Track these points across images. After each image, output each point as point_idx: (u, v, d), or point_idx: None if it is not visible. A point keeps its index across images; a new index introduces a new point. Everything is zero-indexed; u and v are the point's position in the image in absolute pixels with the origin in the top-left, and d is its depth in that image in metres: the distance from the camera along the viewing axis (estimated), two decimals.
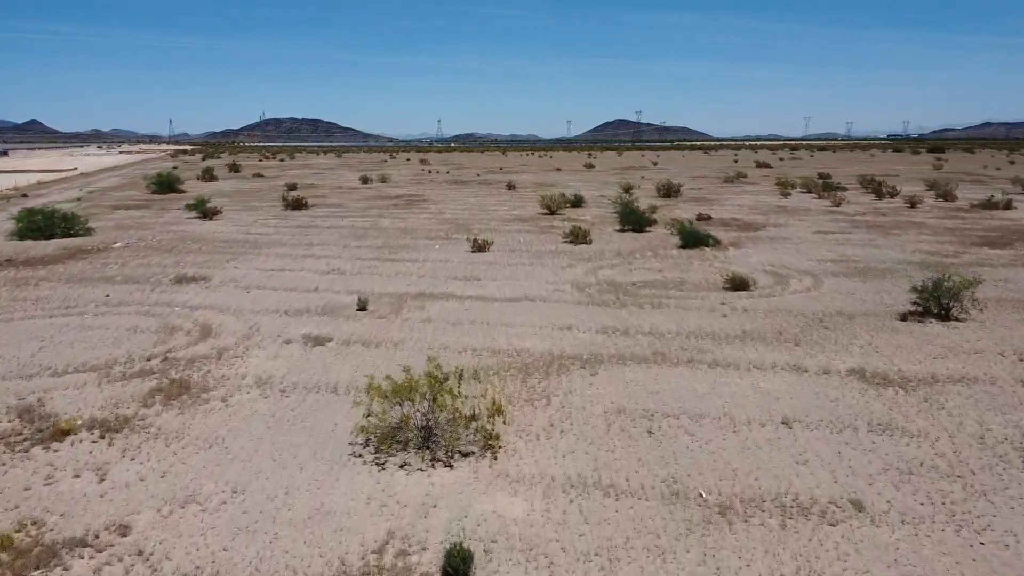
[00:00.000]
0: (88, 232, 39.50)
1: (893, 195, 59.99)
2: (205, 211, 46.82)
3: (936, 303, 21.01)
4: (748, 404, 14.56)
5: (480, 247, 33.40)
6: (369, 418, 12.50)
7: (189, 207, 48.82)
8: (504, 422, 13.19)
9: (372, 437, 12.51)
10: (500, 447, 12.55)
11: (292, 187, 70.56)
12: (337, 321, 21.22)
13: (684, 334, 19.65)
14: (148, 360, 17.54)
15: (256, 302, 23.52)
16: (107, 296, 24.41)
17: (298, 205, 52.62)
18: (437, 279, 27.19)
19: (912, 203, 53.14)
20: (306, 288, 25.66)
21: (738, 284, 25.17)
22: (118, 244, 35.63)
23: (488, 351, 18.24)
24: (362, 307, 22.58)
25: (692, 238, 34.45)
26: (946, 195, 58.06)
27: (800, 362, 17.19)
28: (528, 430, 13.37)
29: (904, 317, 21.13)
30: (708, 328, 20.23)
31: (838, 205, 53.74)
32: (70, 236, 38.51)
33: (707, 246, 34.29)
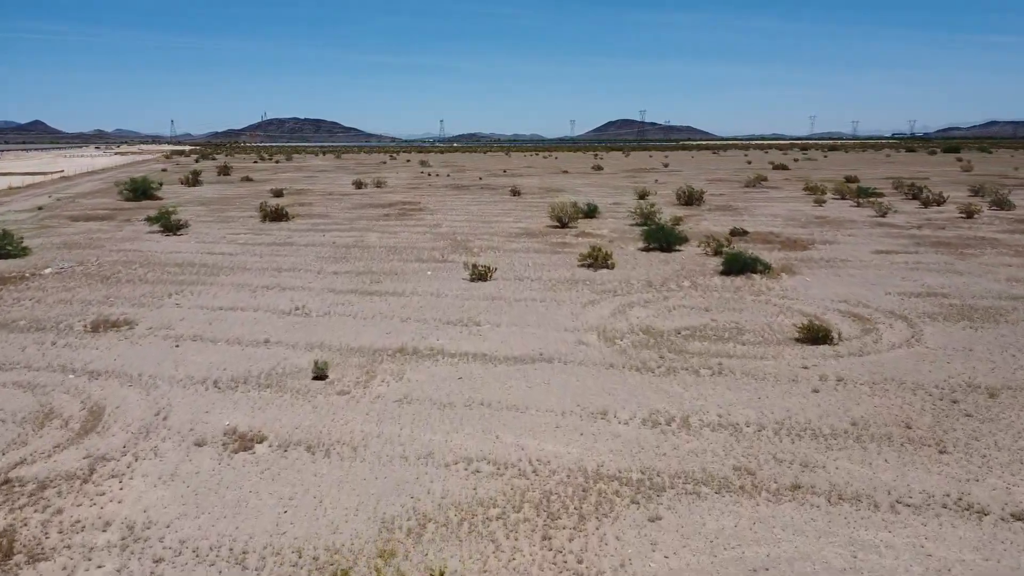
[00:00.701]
0: (23, 252, 33.67)
1: (940, 203, 53.95)
2: (168, 225, 40.99)
3: None
4: None
5: (480, 275, 27.51)
6: None
7: (151, 220, 42.99)
8: None
9: None
10: None
11: (278, 193, 64.80)
12: (282, 400, 15.34)
13: (770, 428, 13.74)
14: None
15: (181, 364, 17.66)
16: None
17: (277, 216, 46.78)
18: (425, 324, 21.32)
19: (968, 213, 47.07)
20: (254, 340, 19.78)
21: (816, 335, 19.25)
22: (48, 270, 29.80)
23: (489, 464, 12.35)
24: (320, 374, 16.70)
25: (736, 263, 28.51)
26: (1001, 203, 52.06)
27: (965, 492, 11.26)
28: None
29: None
30: (801, 415, 14.33)
31: (884, 215, 47.75)
32: None
33: (755, 272, 28.37)
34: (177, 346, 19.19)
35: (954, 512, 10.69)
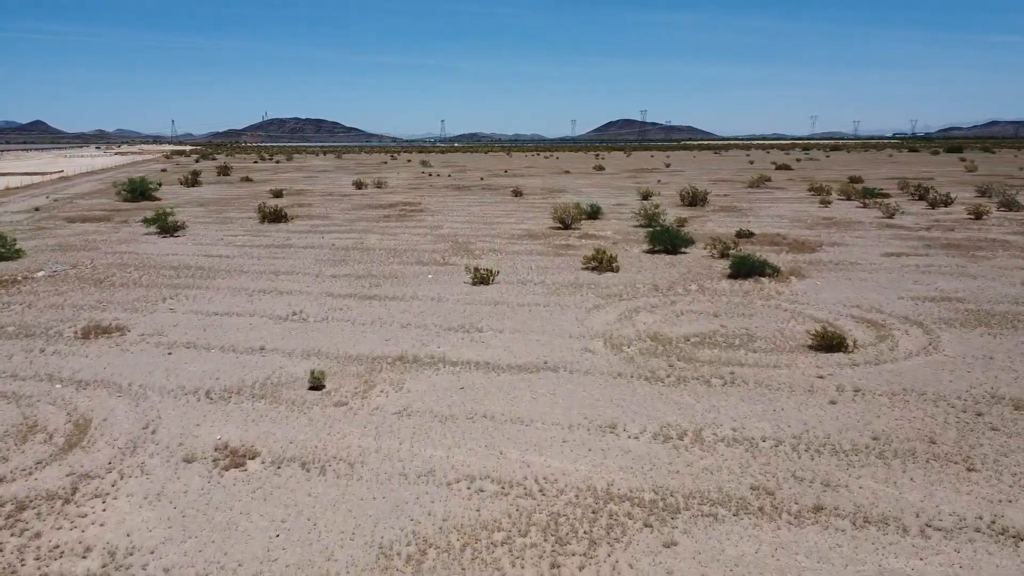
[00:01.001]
0: (16, 255, 33.10)
1: (947, 204, 53.27)
2: (165, 226, 40.38)
3: None
4: None
5: (482, 278, 26.87)
6: None
7: (148, 221, 42.37)
8: None
9: None
10: None
11: (278, 194, 64.21)
12: (276, 412, 14.72)
13: (787, 443, 13.10)
14: None
15: (173, 373, 17.04)
16: None
17: (276, 218, 46.18)
18: (426, 330, 20.69)
19: (977, 214, 46.41)
20: (250, 346, 19.16)
21: (830, 342, 18.60)
22: (40, 273, 29.19)
23: (493, 483, 11.71)
24: (316, 384, 16.07)
25: (744, 266, 27.85)
26: (1009, 204, 51.37)
27: (998, 514, 10.62)
28: None
29: None
30: (819, 429, 13.68)
31: (891, 216, 47.08)
32: None
33: (763, 276, 27.72)
34: (170, 353, 18.57)
35: (988, 537, 10.05)
